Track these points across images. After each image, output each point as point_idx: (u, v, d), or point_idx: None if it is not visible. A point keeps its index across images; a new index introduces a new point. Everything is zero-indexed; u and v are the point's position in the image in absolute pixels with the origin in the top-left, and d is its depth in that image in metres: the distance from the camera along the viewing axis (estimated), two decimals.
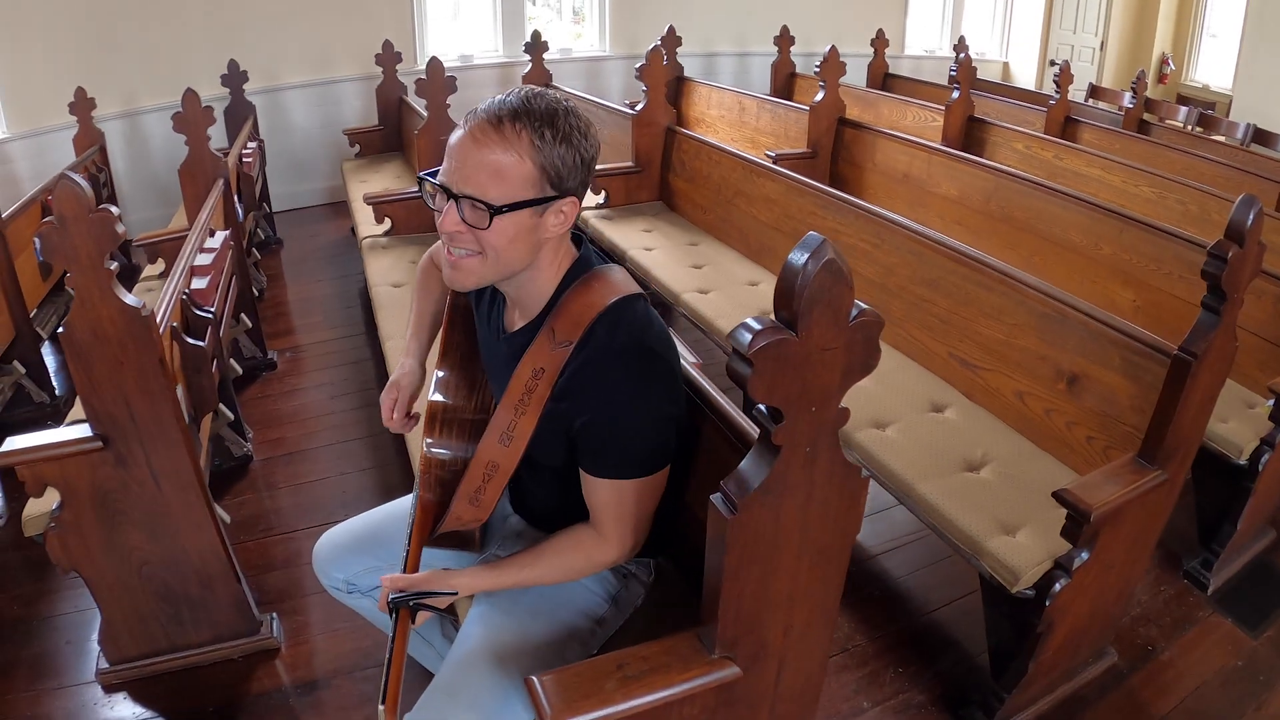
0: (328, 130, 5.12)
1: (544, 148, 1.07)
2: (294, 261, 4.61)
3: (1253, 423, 2.16)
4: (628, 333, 1.15)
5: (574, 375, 1.16)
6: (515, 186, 1.07)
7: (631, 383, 1.14)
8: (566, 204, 1.12)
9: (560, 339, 1.16)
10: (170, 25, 4.48)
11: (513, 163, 1.06)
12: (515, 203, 1.07)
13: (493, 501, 1.27)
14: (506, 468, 1.24)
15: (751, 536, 1.01)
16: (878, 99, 4.99)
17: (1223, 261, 1.51)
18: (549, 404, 1.18)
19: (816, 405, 0.95)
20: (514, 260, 1.13)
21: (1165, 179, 3.19)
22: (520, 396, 1.19)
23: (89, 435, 1.73)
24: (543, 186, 1.09)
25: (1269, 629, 2.10)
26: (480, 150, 1.06)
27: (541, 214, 1.11)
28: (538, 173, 1.07)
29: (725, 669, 1.11)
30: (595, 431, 1.16)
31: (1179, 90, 6.93)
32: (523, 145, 1.06)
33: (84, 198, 1.56)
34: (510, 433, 1.21)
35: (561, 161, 1.08)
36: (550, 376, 1.17)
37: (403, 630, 1.19)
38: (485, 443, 1.23)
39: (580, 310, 1.16)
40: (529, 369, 1.18)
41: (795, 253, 0.87)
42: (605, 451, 1.17)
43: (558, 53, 5.87)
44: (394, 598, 1.20)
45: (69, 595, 2.22)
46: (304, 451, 2.89)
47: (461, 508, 1.28)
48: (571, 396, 1.16)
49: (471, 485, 1.26)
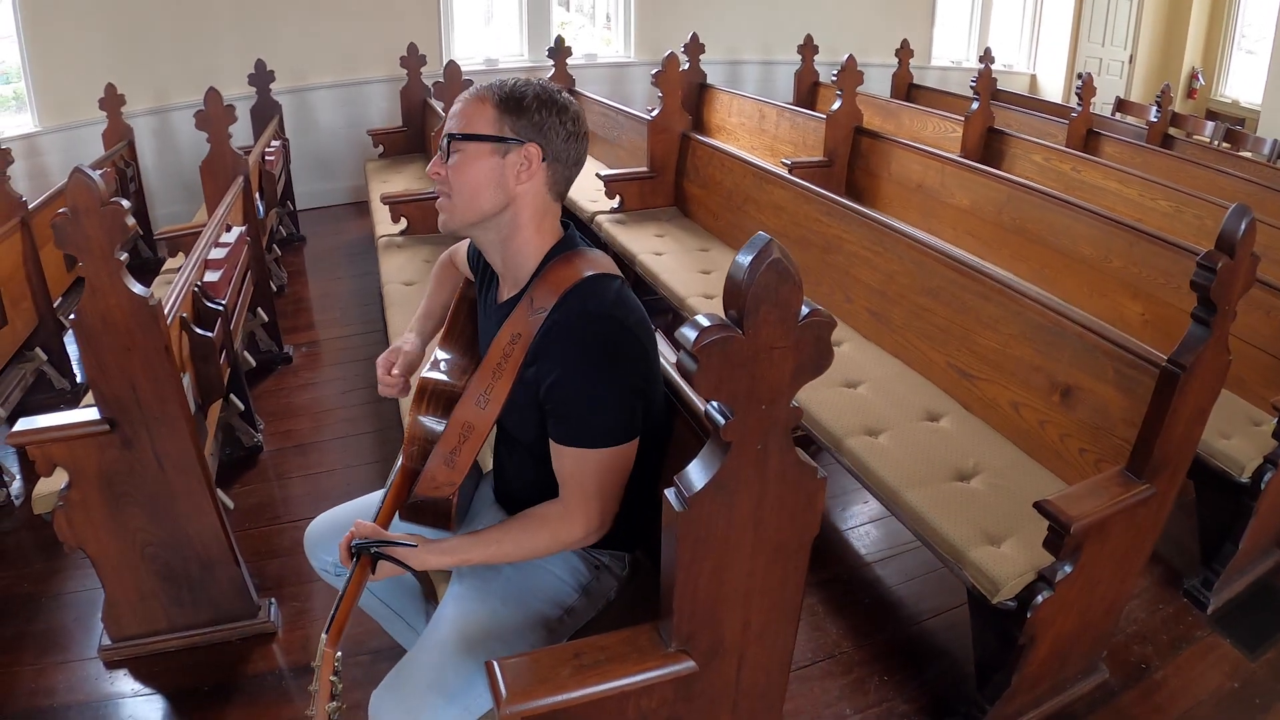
0: (353, 130, 5.23)
1: (507, 101, 1.21)
2: (316, 258, 4.70)
3: (1257, 440, 2.12)
4: (598, 303, 1.21)
5: (543, 338, 1.22)
6: (476, 125, 1.21)
7: (596, 350, 1.19)
8: (529, 149, 1.21)
9: (537, 305, 1.23)
10: (201, 24, 4.61)
11: (477, 110, 1.22)
12: (470, 134, 1.21)
13: (467, 464, 1.32)
14: (481, 430, 1.29)
15: (703, 531, 1.02)
16: (899, 109, 4.97)
17: (1211, 273, 1.49)
18: (522, 369, 1.24)
19: (766, 403, 0.96)
20: (478, 195, 1.23)
21: (1183, 193, 3.14)
22: (498, 361, 1.25)
23: (97, 418, 1.80)
24: (501, 127, 1.21)
25: (1268, 651, 2.06)
26: (459, 106, 1.24)
27: (503, 155, 1.21)
28: (495, 116, 1.21)
29: (681, 662, 1.12)
30: (559, 394, 1.20)
31: (1209, 105, 6.79)
32: (489, 99, 1.22)
33: (96, 191, 1.63)
34: (487, 395, 1.27)
35: (519, 114, 1.21)
36: (525, 342, 1.23)
37: (360, 574, 1.24)
38: (462, 404, 1.29)
39: (558, 280, 1.23)
40: (508, 334, 1.25)
41: (742, 252, 0.89)
42: (569, 417, 1.21)
43: (583, 58, 5.94)
44: (356, 544, 1.25)
45: (77, 574, 2.29)
46: (314, 443, 2.95)
47: (436, 467, 1.32)
48: (540, 360, 1.22)
49: (448, 446, 1.31)
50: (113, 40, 4.39)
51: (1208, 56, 6.98)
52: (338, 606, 1.19)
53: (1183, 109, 6.47)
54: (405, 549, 1.25)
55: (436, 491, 1.35)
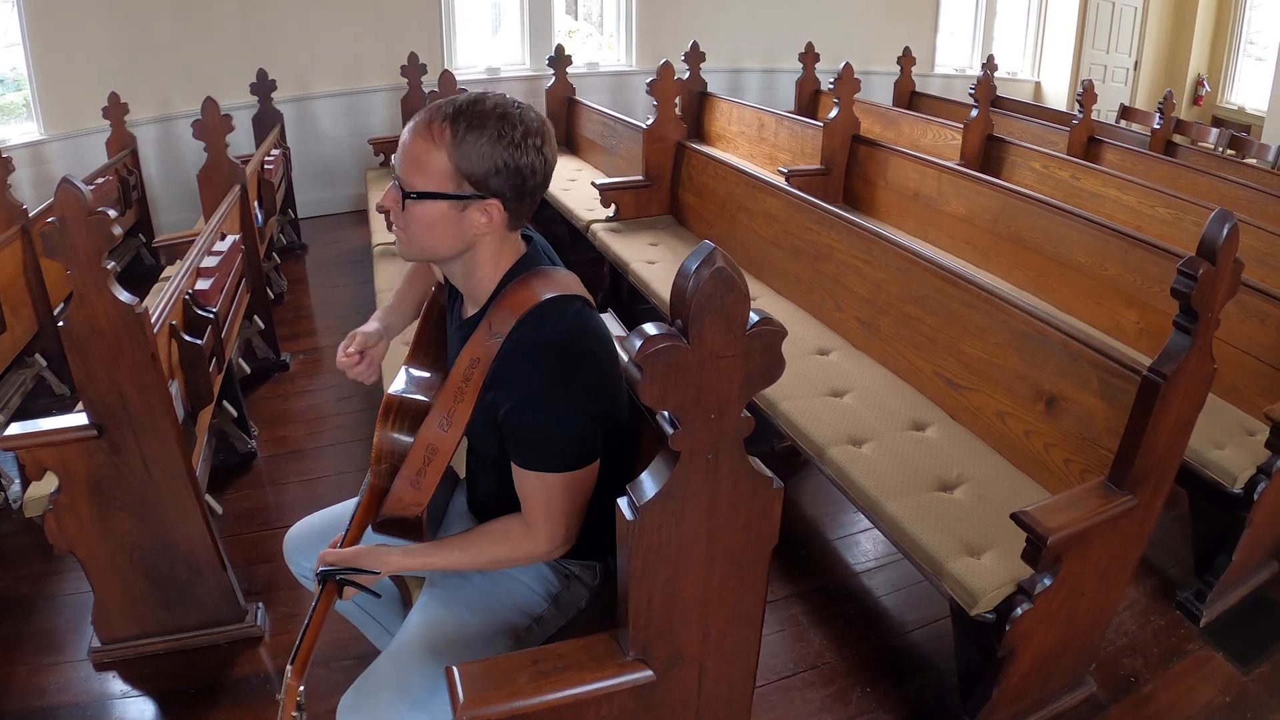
0: (355, 139, 5.27)
1: (463, 148, 1.13)
2: (317, 267, 4.74)
3: (1251, 450, 2.09)
4: (553, 328, 1.19)
5: (500, 364, 1.20)
6: (431, 178, 1.14)
7: (552, 376, 1.18)
8: (490, 205, 1.17)
9: (495, 330, 1.21)
10: (204, 34, 4.66)
11: (431, 157, 1.14)
12: (424, 192, 1.14)
13: (432, 485, 1.32)
14: (445, 451, 1.28)
15: (654, 541, 1.02)
16: (899, 117, 4.96)
17: (1192, 280, 1.47)
18: (482, 393, 1.23)
19: (715, 413, 0.96)
20: (435, 246, 1.20)
21: (1182, 200, 3.11)
22: (459, 385, 1.24)
23: (85, 424, 1.82)
24: (460, 184, 1.14)
25: (1262, 665, 2.03)
26: (411, 141, 1.16)
27: (462, 209, 1.16)
28: (452, 169, 1.13)
29: (638, 671, 1.12)
30: (516, 421, 1.20)
31: (1214, 112, 6.73)
32: (443, 143, 1.13)
33: (83, 200, 1.66)
34: (449, 418, 1.26)
35: (478, 165, 1.13)
36: (484, 366, 1.22)
37: (325, 601, 1.25)
38: (426, 426, 1.29)
39: (515, 304, 1.21)
40: (468, 358, 1.23)
41: (688, 260, 0.89)
42: (527, 442, 1.21)
43: (584, 66, 5.96)
44: (322, 570, 1.26)
45: (72, 577, 2.31)
46: (307, 450, 2.97)
47: (403, 489, 1.32)
48: (498, 386, 1.21)
49: (412, 468, 1.31)
50: (117, 48, 4.45)
51: (1213, 63, 6.92)
52: (303, 635, 1.19)
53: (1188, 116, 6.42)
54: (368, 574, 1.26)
55: (404, 511, 1.35)
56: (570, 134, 5.23)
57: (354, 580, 1.26)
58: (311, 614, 1.22)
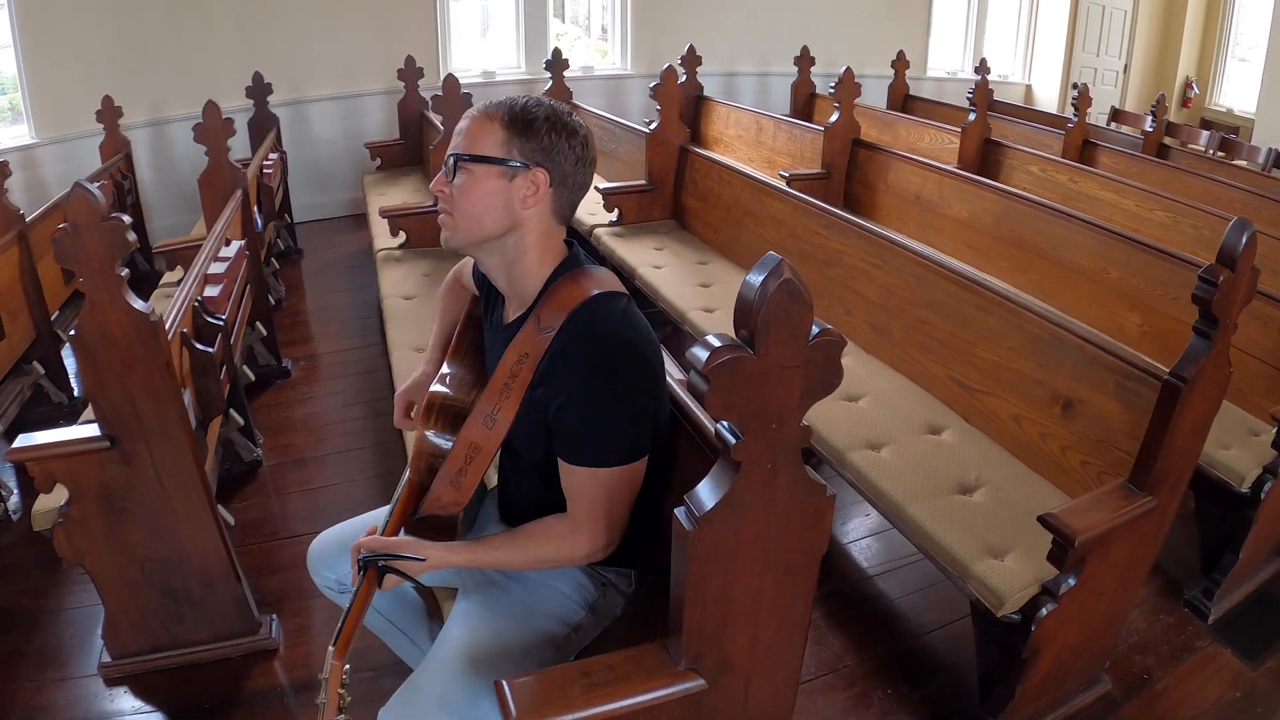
0: (351, 143, 5.23)
1: (515, 123, 1.20)
2: (314, 272, 4.70)
3: (1256, 450, 2.13)
4: (605, 322, 1.21)
5: (552, 359, 1.21)
6: (482, 146, 1.20)
7: (605, 370, 1.19)
8: (536, 174, 1.21)
9: (544, 325, 1.23)
10: (199, 37, 4.61)
11: (486, 130, 1.21)
12: (476, 155, 1.20)
13: (472, 485, 1.32)
14: (488, 450, 1.29)
15: (712, 550, 1.02)
16: (895, 120, 5.00)
17: (1213, 286, 1.49)
18: (530, 389, 1.24)
19: (776, 422, 0.97)
20: (482, 218, 1.22)
21: (1180, 203, 3.16)
22: (505, 381, 1.25)
23: (97, 435, 1.79)
24: (509, 150, 1.20)
25: (1269, 660, 2.06)
26: (467, 124, 1.23)
27: (510, 179, 1.20)
28: (504, 139, 1.20)
29: (690, 681, 1.12)
30: (569, 415, 1.20)
31: (1203, 114, 6.84)
32: (497, 119, 1.21)
33: (96, 206, 1.63)
34: (494, 415, 1.26)
35: (528, 138, 1.20)
36: (532, 362, 1.23)
37: (367, 587, 1.24)
38: (469, 425, 1.29)
39: (564, 299, 1.23)
40: (514, 355, 1.25)
41: (753, 272, 0.90)
42: (579, 436, 1.21)
43: (580, 70, 5.96)
44: (364, 556, 1.25)
45: (77, 590, 2.28)
46: (313, 458, 2.94)
47: (442, 488, 1.32)
48: (549, 381, 1.21)
49: (454, 467, 1.31)
50: (110, 52, 4.38)
51: (1202, 65, 7.03)
52: (345, 618, 1.19)
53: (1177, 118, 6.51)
54: (412, 562, 1.25)
55: (442, 510, 1.35)
56: None
57: (395, 567, 1.25)
58: (353, 598, 1.22)
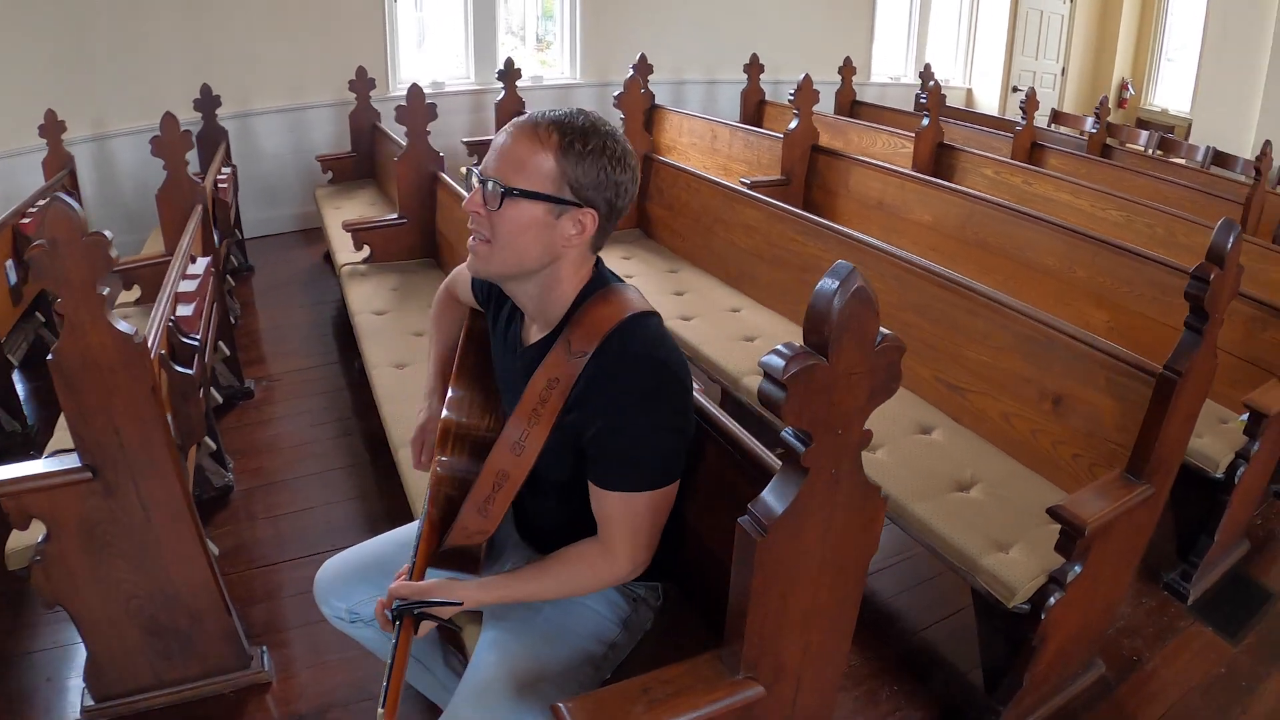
0: (300, 156, 5.09)
1: (570, 153, 1.12)
2: (266, 289, 4.55)
3: (1227, 437, 2.24)
4: (641, 345, 1.18)
5: (587, 384, 1.18)
6: (534, 178, 1.12)
7: (643, 393, 1.16)
8: (585, 215, 1.16)
9: (576, 349, 1.19)
10: (140, 49, 4.42)
11: (536, 158, 1.12)
12: (527, 190, 1.12)
13: (500, 513, 1.28)
14: (516, 477, 1.25)
15: (777, 557, 1.03)
16: (847, 126, 5.11)
17: (1205, 283, 1.57)
18: (561, 415, 1.20)
19: (842, 428, 0.97)
20: (524, 254, 1.16)
21: (1132, 202, 3.30)
22: (534, 406, 1.21)
23: (77, 466, 1.70)
24: (561, 187, 1.13)
25: (1247, 636, 2.17)
26: (512, 143, 1.14)
27: (557, 216, 1.14)
28: (558, 173, 1.12)
29: (749, 689, 1.12)
30: (606, 441, 1.17)
31: (1138, 114, 7.19)
32: (550, 145, 1.12)
33: (77, 220, 1.55)
34: (522, 442, 1.23)
35: (584, 172, 1.13)
36: (564, 387, 1.19)
37: (405, 638, 1.19)
38: (496, 452, 1.25)
39: (596, 322, 1.19)
40: (544, 379, 1.20)
41: (826, 280, 0.90)
42: (615, 462, 1.19)
43: (529, 80, 5.92)
44: (398, 605, 1.20)
45: (47, 630, 2.15)
46: (286, 481, 2.84)
47: (469, 517, 1.28)
48: (584, 406, 1.18)
49: (481, 494, 1.27)
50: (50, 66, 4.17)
51: (1136, 67, 7.39)
52: (389, 677, 1.13)
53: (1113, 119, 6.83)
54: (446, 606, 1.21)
55: (468, 540, 1.31)
56: None
57: (431, 613, 1.21)
58: (393, 655, 1.15)
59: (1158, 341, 2.42)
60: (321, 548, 2.49)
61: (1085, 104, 7.24)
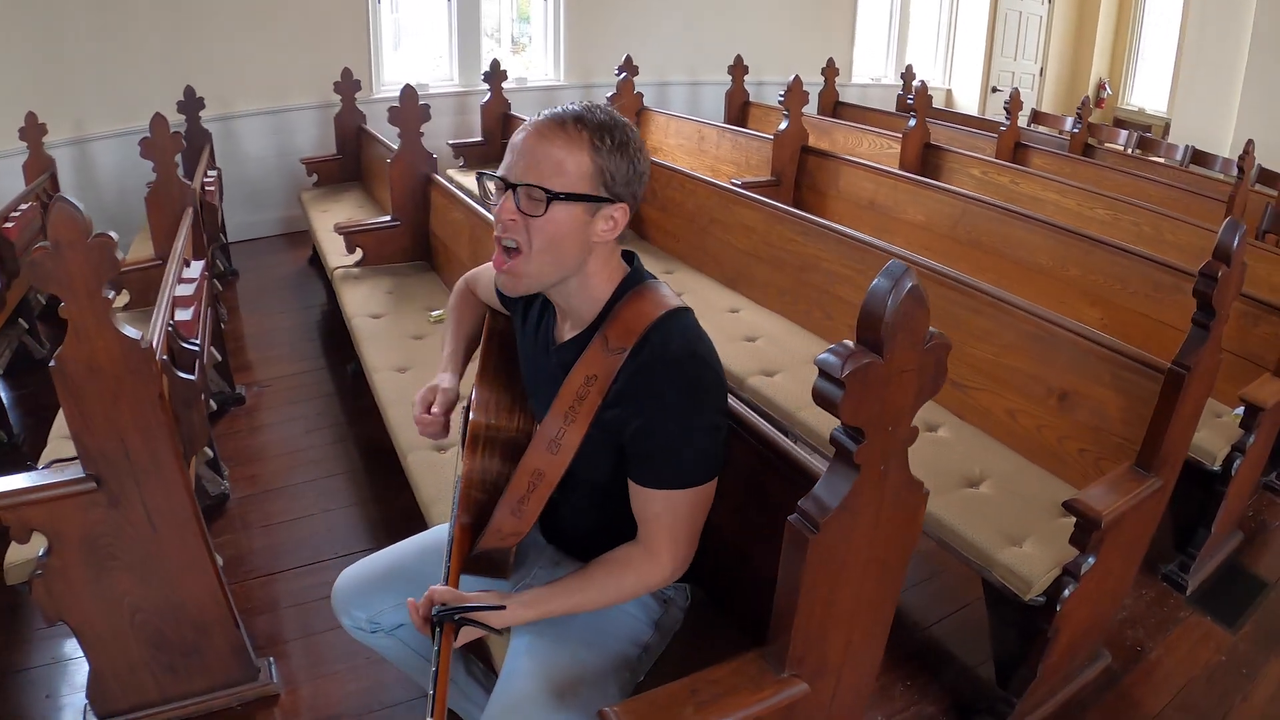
0: (284, 159, 5.02)
1: (602, 150, 1.12)
2: (251, 293, 4.48)
3: (1223, 431, 2.28)
4: (681, 341, 1.17)
5: (628, 381, 1.17)
6: (574, 179, 1.12)
7: (685, 390, 1.16)
8: (617, 210, 1.16)
9: (614, 345, 1.18)
10: (121, 51, 4.34)
11: (574, 158, 1.12)
12: (573, 193, 1.11)
13: (534, 514, 1.27)
14: (552, 477, 1.24)
15: (827, 554, 1.03)
16: (832, 127, 5.15)
17: (1213, 281, 1.61)
18: (600, 411, 1.19)
19: (893, 424, 0.98)
20: (562, 258, 1.16)
21: (1119, 201, 3.36)
22: (570, 404, 1.20)
23: (81, 476, 1.66)
24: (598, 186, 1.13)
25: (1245, 625, 2.22)
26: (544, 144, 1.12)
27: (593, 214, 1.14)
28: (595, 171, 1.12)
29: (794, 687, 1.12)
30: (647, 437, 1.17)
31: (1115, 114, 7.34)
32: (583, 144, 1.12)
33: (82, 222, 1.51)
34: (559, 440, 1.21)
35: (617, 166, 1.14)
36: (602, 383, 1.18)
37: (447, 644, 1.16)
38: (532, 451, 1.23)
39: (634, 318, 1.18)
40: (581, 376, 1.19)
41: (880, 280, 0.91)
42: (658, 459, 1.18)
43: (513, 82, 5.90)
44: (439, 611, 1.17)
45: (46, 645, 2.10)
46: (283, 488, 2.79)
47: (503, 518, 1.27)
48: (624, 402, 1.17)
49: (515, 495, 1.25)
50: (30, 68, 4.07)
51: (1114, 67, 7.54)
52: (435, 686, 1.10)
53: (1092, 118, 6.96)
54: (491, 611, 1.19)
55: (502, 542, 1.29)
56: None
57: (474, 619, 1.19)
58: (437, 661, 1.13)
59: (1151, 338, 2.47)
60: (323, 556, 2.46)
61: (1063, 104, 7.37)
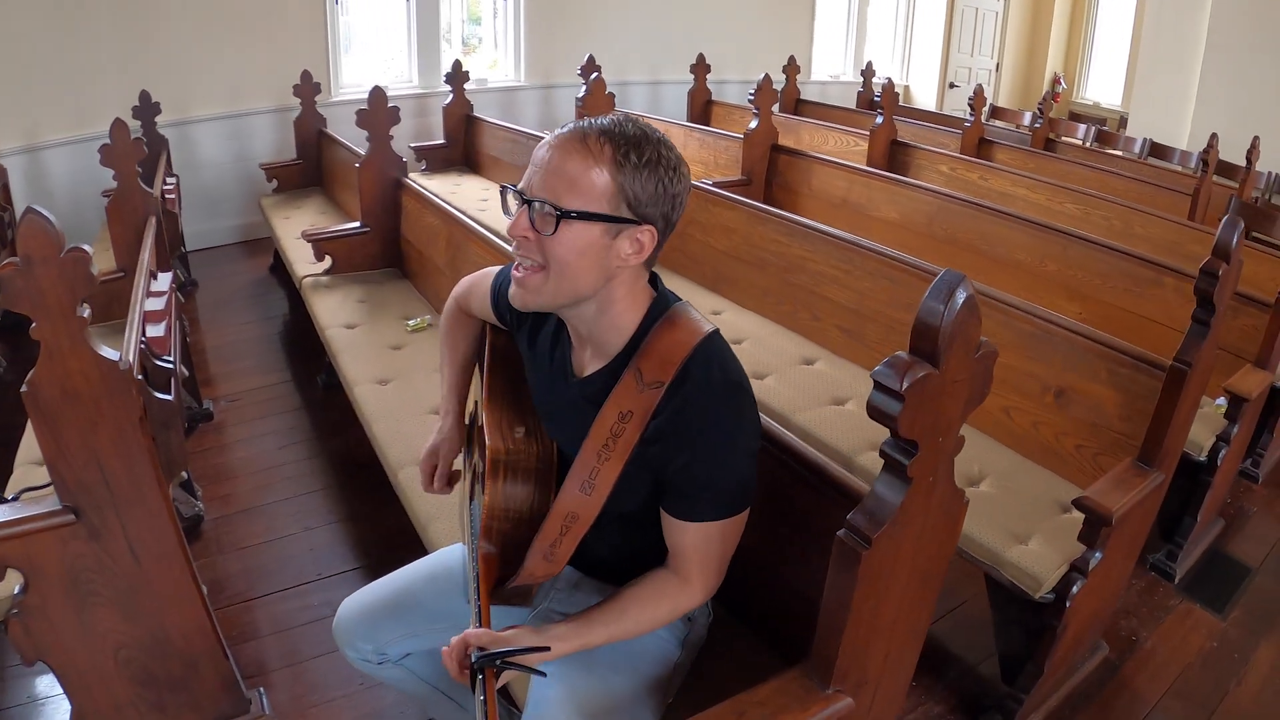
0: (241, 164, 4.86)
1: (626, 168, 1.04)
2: (211, 304, 4.32)
3: (1206, 423, 2.33)
4: (721, 373, 1.12)
5: (673, 417, 1.10)
6: (589, 198, 1.04)
7: (729, 424, 1.11)
8: (643, 233, 1.08)
9: (649, 380, 1.11)
10: (73, 56, 4.14)
11: (591, 174, 1.04)
12: (585, 212, 1.04)
13: (567, 555, 1.20)
14: (586, 518, 1.17)
15: (877, 568, 1.01)
16: (798, 125, 5.16)
17: (1214, 278, 1.63)
18: (638, 448, 1.13)
19: (943, 435, 0.96)
20: (579, 280, 1.08)
21: (1088, 195, 3.43)
22: (604, 442, 1.13)
23: (58, 508, 1.56)
24: (618, 205, 1.05)
25: (1234, 610, 2.28)
26: (561, 159, 1.05)
27: (614, 236, 1.06)
28: (615, 190, 1.04)
29: (840, 702, 1.10)
30: (695, 474, 1.11)
31: (1070, 108, 7.52)
32: (604, 160, 1.04)
33: (55, 235, 1.40)
34: (592, 480, 1.14)
35: (642, 187, 1.05)
36: (640, 419, 1.11)
37: (491, 692, 1.09)
38: (565, 493, 1.16)
39: (669, 350, 1.11)
40: (614, 412, 1.12)
41: (934, 291, 0.89)
42: (702, 494, 1.13)
43: (474, 83, 5.81)
44: (479, 658, 1.11)
45: (21, 683, 1.98)
46: (259, 507, 2.69)
47: (535, 563, 1.20)
48: (668, 438, 1.11)
49: (547, 540, 1.18)
50: None
51: (1068, 62, 7.73)
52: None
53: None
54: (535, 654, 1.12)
55: (533, 582, 1.24)
56: (471, 152, 5.08)
57: (516, 662, 1.13)
58: (485, 712, 1.05)
59: (1133, 332, 2.51)
60: (306, 578, 2.37)
61: (1019, 99, 7.54)
